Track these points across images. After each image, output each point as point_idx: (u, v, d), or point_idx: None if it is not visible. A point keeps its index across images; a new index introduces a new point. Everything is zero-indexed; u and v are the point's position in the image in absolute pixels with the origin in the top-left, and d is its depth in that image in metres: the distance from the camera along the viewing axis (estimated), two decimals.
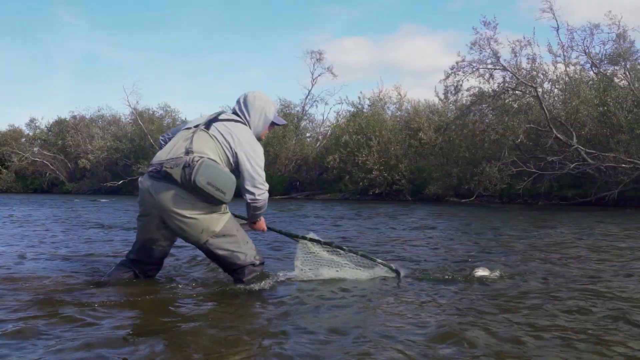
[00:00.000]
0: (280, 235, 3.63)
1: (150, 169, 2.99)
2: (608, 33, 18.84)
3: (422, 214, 10.66)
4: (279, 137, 24.42)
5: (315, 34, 65.87)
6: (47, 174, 35.05)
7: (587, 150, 14.72)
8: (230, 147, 3.03)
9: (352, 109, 25.42)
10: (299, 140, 26.32)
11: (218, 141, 3.02)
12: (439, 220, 8.94)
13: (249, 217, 3.25)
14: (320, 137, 27.39)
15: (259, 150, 3.10)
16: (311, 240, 3.43)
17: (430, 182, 18.76)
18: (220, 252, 3.04)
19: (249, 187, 3.05)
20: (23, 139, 37.63)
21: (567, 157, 14.99)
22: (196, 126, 3.09)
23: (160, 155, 3.01)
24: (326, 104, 51.51)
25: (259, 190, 3.06)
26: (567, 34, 17.41)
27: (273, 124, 3.32)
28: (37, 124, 38.00)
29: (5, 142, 36.55)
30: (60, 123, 36.43)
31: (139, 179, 3.09)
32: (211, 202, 2.93)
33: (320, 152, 24.81)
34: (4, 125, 49.04)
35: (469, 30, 39.92)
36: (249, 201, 3.10)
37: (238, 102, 3.28)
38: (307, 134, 28.07)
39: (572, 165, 14.60)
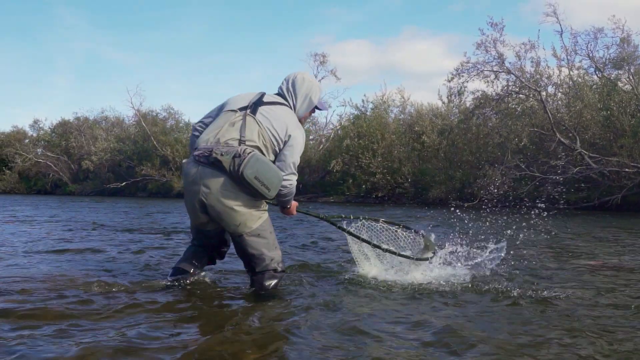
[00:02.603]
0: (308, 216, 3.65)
1: (196, 153, 2.92)
2: (612, 37, 18.76)
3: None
4: None
5: (317, 36, 65.98)
6: (51, 175, 35.18)
7: (591, 154, 14.71)
8: (277, 134, 2.99)
9: (356, 112, 25.48)
10: None
11: (264, 127, 2.97)
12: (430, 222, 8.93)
13: (280, 204, 3.24)
14: (323, 139, 27.44)
15: (302, 138, 3.07)
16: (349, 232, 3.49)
17: (433, 185, 18.74)
18: (250, 250, 3.02)
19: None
20: (26, 140, 37.82)
21: (571, 161, 14.97)
22: (241, 109, 3.02)
23: (208, 138, 2.94)
24: (329, 106, 51.52)
25: (288, 181, 3.02)
26: (571, 37, 17.51)
27: (315, 108, 3.26)
28: (40, 125, 38.26)
29: (8, 143, 36.73)
30: (63, 124, 36.59)
31: (184, 160, 3.05)
32: (254, 195, 2.91)
33: (324, 155, 24.83)
34: (8, 127, 49.24)
35: (470, 33, 40.09)
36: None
37: (286, 81, 3.20)
38: (311, 137, 28.12)
39: (576, 169, 14.58)
